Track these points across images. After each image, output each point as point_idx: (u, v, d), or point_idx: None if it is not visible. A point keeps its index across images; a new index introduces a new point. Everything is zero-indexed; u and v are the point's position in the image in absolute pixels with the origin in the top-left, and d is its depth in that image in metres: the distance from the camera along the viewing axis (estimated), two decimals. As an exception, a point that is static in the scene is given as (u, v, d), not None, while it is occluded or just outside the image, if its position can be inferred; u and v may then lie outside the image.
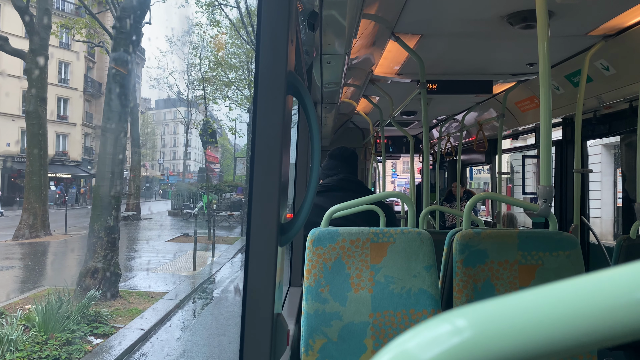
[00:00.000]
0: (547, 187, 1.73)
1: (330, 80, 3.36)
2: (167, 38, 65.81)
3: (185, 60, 74.23)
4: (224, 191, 28.91)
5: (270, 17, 1.03)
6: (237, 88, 29.85)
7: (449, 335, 0.25)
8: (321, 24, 2.12)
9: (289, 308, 2.57)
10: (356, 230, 1.87)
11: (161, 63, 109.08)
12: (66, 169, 35.72)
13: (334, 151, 3.14)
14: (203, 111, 31.22)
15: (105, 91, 10.14)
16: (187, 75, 39.55)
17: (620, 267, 0.25)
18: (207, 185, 29.56)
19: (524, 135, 5.80)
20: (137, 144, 26.83)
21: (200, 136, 33.24)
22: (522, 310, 0.25)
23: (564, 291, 0.25)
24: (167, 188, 45.34)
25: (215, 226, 19.22)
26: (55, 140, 35.11)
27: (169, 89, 53.24)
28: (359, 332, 1.80)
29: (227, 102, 33.16)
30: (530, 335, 0.24)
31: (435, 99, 5.11)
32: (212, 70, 30.41)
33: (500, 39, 3.11)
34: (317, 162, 1.18)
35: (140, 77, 45.91)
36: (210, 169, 33.78)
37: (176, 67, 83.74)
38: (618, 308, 0.24)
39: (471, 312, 0.26)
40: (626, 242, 2.75)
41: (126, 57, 9.69)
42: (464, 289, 1.84)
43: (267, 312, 1.03)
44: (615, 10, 2.64)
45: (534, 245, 1.84)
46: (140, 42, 11.37)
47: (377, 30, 3.02)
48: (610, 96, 3.54)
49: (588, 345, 0.25)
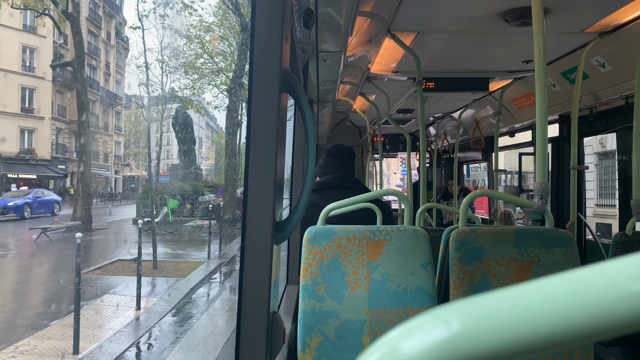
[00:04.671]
0: (543, 184, 1.73)
1: (327, 78, 3.36)
2: (140, 11, 56.28)
3: (159, 38, 69.05)
4: (201, 193, 23.93)
5: (264, 15, 1.03)
6: (228, 76, 27.14)
7: (439, 331, 0.25)
8: (317, 22, 2.11)
9: (286, 306, 2.57)
10: (353, 228, 1.87)
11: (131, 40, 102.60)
12: (32, 169, 31.74)
13: (331, 149, 3.13)
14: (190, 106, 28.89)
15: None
16: (162, 56, 35.84)
17: (609, 261, 0.25)
18: (178, 186, 24.49)
19: (521, 132, 5.81)
20: (86, 132, 20.48)
21: (173, 125, 30.26)
22: (511, 305, 0.25)
23: (553, 286, 0.25)
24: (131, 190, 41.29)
25: (181, 241, 16.59)
26: (19, 136, 31.17)
27: (139, 72, 48.60)
28: (356, 329, 1.80)
29: (216, 91, 30.48)
30: (519, 330, 0.24)
31: (432, 97, 5.11)
32: (199, 57, 28.00)
33: (497, 36, 3.12)
34: (312, 160, 1.18)
35: (124, 69, 43.56)
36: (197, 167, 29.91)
37: (150, 47, 76.15)
38: (606, 302, 0.24)
39: (460, 308, 0.26)
40: (622, 238, 2.76)
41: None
42: (460, 286, 1.84)
43: (262, 311, 1.03)
44: (611, 7, 2.65)
45: (530, 242, 1.84)
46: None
47: (373, 28, 3.02)
48: (606, 93, 3.54)
49: (575, 340, 0.25)
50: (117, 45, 41.45)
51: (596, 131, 4.24)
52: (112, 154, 42.69)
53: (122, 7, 42.54)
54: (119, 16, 42.16)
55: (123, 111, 45.98)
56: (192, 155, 30.01)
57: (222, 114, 71.85)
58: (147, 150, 27.03)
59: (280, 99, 1.05)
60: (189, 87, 29.53)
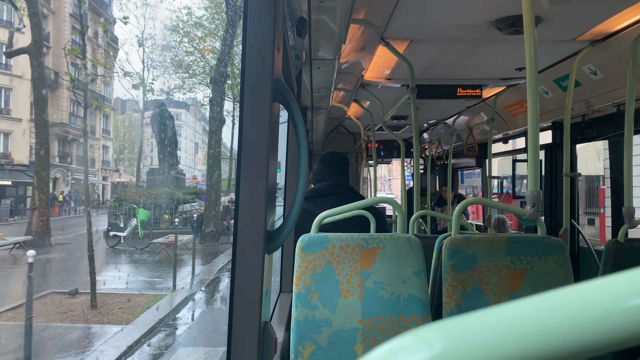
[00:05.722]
0: (535, 192, 1.73)
1: (321, 85, 3.36)
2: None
3: (141, 28, 66.87)
4: (182, 201, 20.83)
5: (256, 26, 1.03)
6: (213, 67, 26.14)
7: (420, 351, 0.24)
8: (310, 30, 2.12)
9: (280, 315, 2.56)
10: (346, 236, 1.87)
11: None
12: (7, 175, 29.25)
13: (324, 156, 3.13)
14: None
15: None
16: (143, 46, 34.04)
17: (590, 281, 0.25)
18: (154, 194, 20.71)
19: (514, 139, 5.84)
20: (44, 134, 17.05)
21: (151, 124, 27.33)
22: (493, 325, 0.25)
23: (537, 305, 0.25)
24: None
25: (148, 262, 13.41)
26: (-7, 138, 28.61)
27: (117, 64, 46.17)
28: (349, 338, 1.79)
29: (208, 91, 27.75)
30: (501, 350, 0.24)
31: (426, 104, 5.13)
32: (189, 55, 26.43)
33: (489, 44, 3.14)
34: (304, 169, 1.18)
35: (113, 69, 41.80)
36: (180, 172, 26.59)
37: (128, 39, 73.41)
38: (589, 322, 0.24)
39: (443, 327, 0.26)
40: (614, 245, 2.77)
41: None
42: (453, 294, 1.84)
43: (254, 321, 1.02)
44: (602, 16, 2.67)
45: (522, 250, 1.85)
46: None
47: (366, 36, 3.03)
48: (598, 100, 3.57)
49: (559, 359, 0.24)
50: (105, 44, 39.53)
51: (588, 138, 4.27)
52: (99, 159, 41.24)
53: (111, 4, 40.75)
54: (107, 13, 40.39)
55: (112, 114, 44.36)
56: (172, 159, 27.01)
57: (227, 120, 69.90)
58: (136, 155, 25.32)
59: (272, 109, 1.05)
60: (179, 87, 28.12)
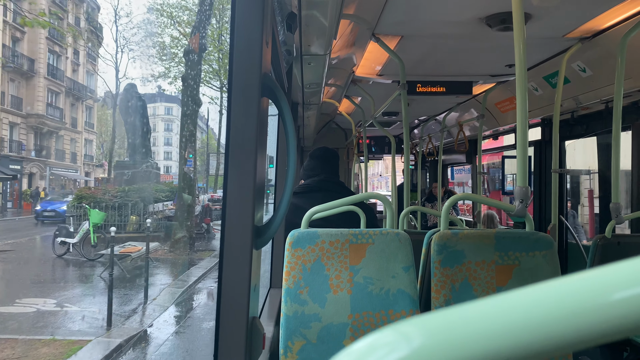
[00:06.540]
0: (524, 188, 1.75)
1: (312, 81, 3.35)
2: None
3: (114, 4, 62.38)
4: (152, 200, 17.19)
5: (244, 20, 1.02)
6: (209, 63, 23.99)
7: (399, 345, 0.24)
8: (300, 25, 2.11)
9: (269, 310, 2.56)
10: (335, 231, 1.87)
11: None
12: None
13: (314, 152, 3.13)
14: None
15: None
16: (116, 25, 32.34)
17: (570, 275, 0.25)
18: (120, 190, 17.31)
19: (504, 135, 5.87)
20: None
21: (120, 109, 24.17)
22: (475, 319, 0.25)
23: (518, 299, 0.25)
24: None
25: (90, 279, 10.23)
26: (-39, 131, 26.54)
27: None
28: (338, 333, 1.80)
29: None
30: (482, 344, 0.24)
31: (416, 100, 5.14)
32: (175, 43, 24.92)
33: (480, 41, 3.14)
34: (292, 164, 1.17)
35: (96, 61, 40.16)
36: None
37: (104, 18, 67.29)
38: (566, 316, 0.24)
39: (422, 322, 0.26)
40: (602, 241, 2.80)
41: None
42: (441, 289, 1.85)
43: (242, 317, 1.02)
44: (591, 13, 2.69)
45: (510, 246, 1.86)
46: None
47: (357, 31, 3.03)
48: (587, 97, 3.59)
49: (538, 355, 0.25)
50: (89, 32, 37.29)
51: (577, 135, 4.30)
52: (80, 153, 39.28)
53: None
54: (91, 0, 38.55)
55: (95, 106, 42.57)
56: (144, 150, 23.27)
57: (213, 108, 66.13)
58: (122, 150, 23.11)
59: (260, 103, 1.05)
60: (163, 74, 26.09)
